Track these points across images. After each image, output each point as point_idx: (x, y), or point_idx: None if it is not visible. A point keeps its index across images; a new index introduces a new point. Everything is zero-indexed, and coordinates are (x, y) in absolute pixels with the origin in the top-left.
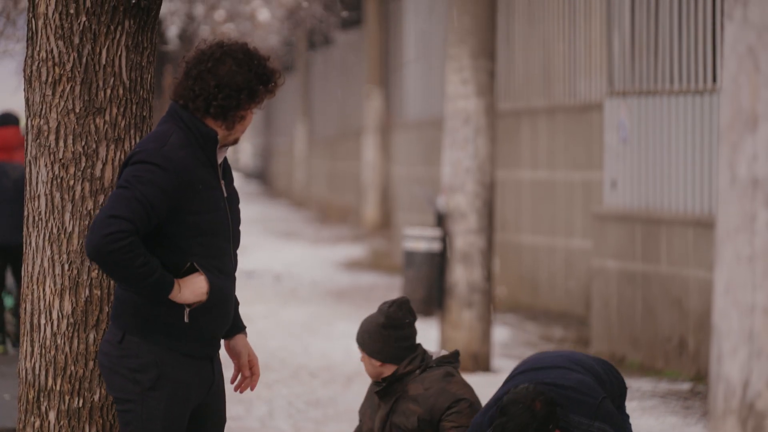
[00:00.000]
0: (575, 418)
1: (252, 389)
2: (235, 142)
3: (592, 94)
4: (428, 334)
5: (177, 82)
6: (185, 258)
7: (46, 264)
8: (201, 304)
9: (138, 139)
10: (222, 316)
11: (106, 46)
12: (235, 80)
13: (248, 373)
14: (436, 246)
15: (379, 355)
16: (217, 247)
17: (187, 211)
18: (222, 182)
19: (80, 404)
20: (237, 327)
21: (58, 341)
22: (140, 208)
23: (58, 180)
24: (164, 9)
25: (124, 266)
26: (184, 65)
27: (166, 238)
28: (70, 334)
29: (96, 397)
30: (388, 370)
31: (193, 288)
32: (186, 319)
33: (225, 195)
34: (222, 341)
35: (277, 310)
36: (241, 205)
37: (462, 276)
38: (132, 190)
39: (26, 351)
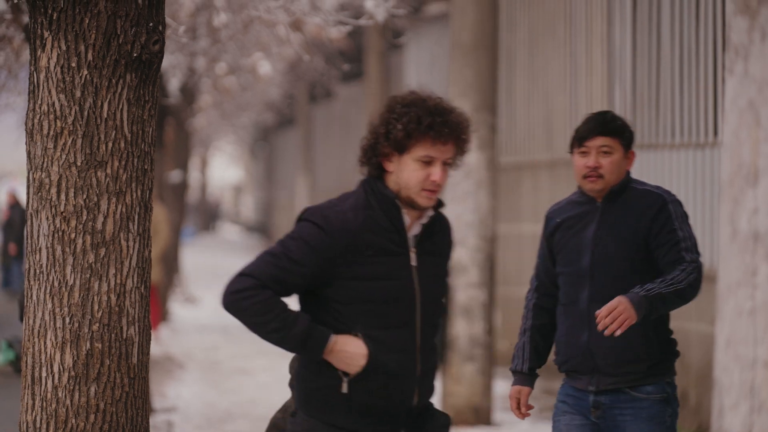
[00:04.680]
0: None
1: None
2: (420, 205)
3: None
4: None
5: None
6: (350, 327)
7: (47, 317)
8: (358, 376)
9: (139, 193)
10: (385, 393)
11: (107, 100)
12: (411, 110)
13: None
14: None
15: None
16: (392, 317)
17: (347, 275)
18: (413, 249)
19: None
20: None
21: (59, 394)
22: (274, 264)
23: (60, 233)
24: (165, 62)
25: (247, 322)
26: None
27: (327, 303)
28: (72, 388)
29: None
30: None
31: (343, 356)
32: (345, 390)
33: (414, 263)
34: None
35: (278, 363)
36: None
37: (463, 330)
38: (278, 246)
39: (27, 404)
